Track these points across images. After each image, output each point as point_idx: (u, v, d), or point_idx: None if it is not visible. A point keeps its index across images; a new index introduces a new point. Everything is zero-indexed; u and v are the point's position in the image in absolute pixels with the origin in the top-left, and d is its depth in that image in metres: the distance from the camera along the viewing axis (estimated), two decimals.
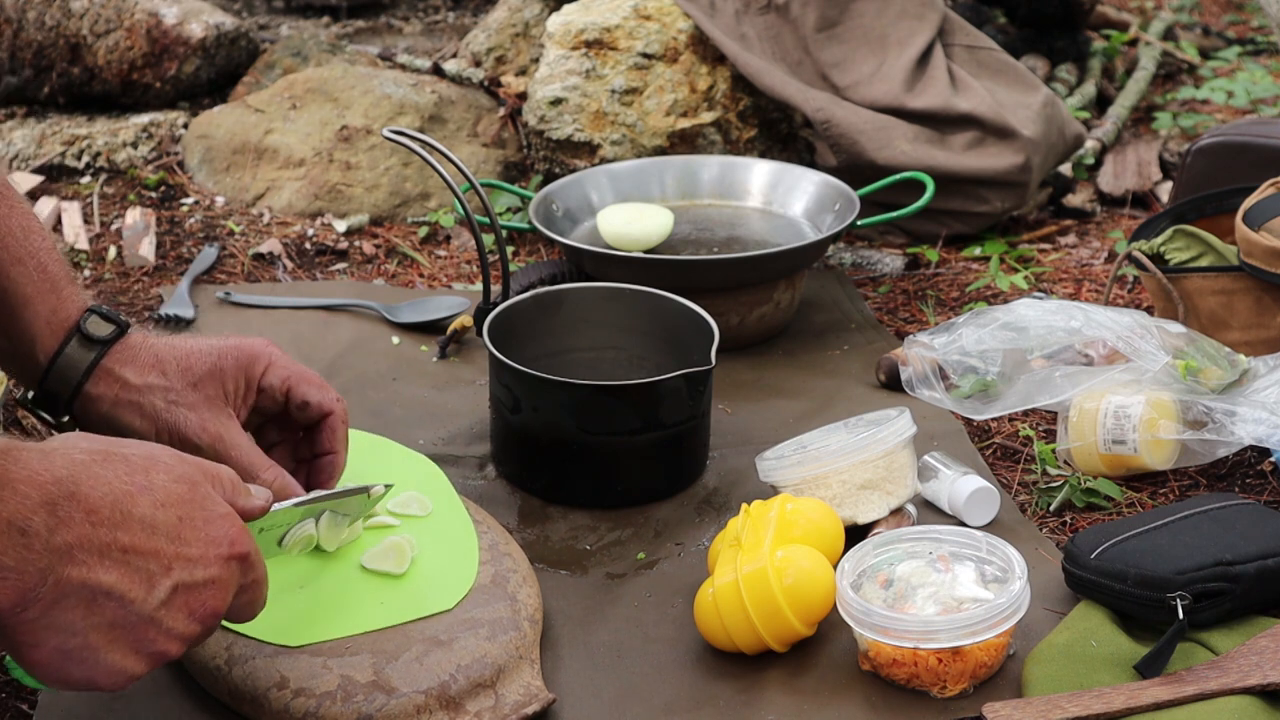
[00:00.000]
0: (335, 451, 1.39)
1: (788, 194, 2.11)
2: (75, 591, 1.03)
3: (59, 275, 1.35)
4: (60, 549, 1.02)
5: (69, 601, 1.03)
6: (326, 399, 1.38)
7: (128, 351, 1.34)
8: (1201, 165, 2.05)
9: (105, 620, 1.05)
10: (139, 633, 1.07)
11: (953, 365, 1.71)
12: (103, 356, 1.33)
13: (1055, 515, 1.58)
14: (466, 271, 2.18)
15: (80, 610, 1.04)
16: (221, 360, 1.35)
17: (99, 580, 1.03)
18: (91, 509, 1.03)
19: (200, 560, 1.08)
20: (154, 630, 1.07)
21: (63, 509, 1.02)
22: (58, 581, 1.02)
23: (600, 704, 1.31)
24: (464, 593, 1.34)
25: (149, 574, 1.06)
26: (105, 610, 1.04)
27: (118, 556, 1.04)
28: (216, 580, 1.09)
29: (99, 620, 1.05)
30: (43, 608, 1.02)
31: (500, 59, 2.62)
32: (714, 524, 1.56)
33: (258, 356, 1.37)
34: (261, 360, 1.37)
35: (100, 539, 1.03)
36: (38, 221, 1.36)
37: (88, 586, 1.03)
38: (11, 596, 1.00)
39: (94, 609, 1.04)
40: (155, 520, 1.06)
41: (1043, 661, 1.30)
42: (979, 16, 2.77)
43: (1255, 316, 1.78)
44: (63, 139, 2.49)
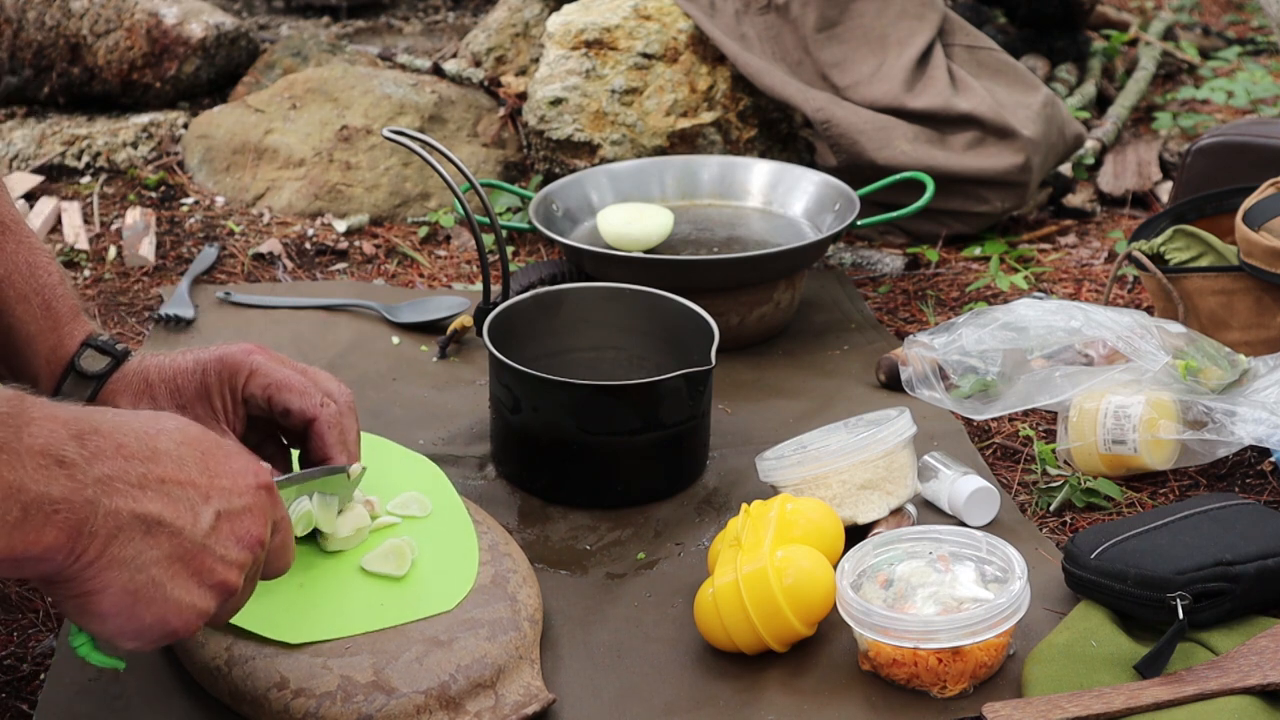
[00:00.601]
0: (329, 458, 1.35)
1: (788, 194, 2.11)
2: (128, 524, 1.01)
3: (62, 312, 1.36)
4: (101, 480, 1.00)
5: (125, 534, 1.01)
6: (309, 405, 1.34)
7: (121, 382, 1.35)
8: (1201, 165, 2.05)
9: (163, 552, 1.03)
10: (197, 561, 1.05)
11: (953, 365, 1.71)
12: (98, 391, 1.34)
13: (1055, 515, 1.58)
14: (466, 271, 2.18)
15: (138, 542, 1.02)
16: (206, 377, 1.34)
17: (147, 510, 1.02)
18: (119, 444, 1.02)
19: (233, 489, 1.08)
20: (210, 558, 1.06)
21: (90, 441, 1.01)
22: (108, 513, 1.00)
23: (600, 704, 1.31)
24: (464, 593, 1.34)
25: (190, 502, 1.05)
26: (161, 540, 1.03)
27: (157, 487, 1.03)
28: (252, 507, 1.09)
29: (158, 553, 1.03)
30: (101, 544, 1.00)
31: (500, 59, 2.62)
32: (714, 524, 1.56)
33: (239, 367, 1.34)
34: (243, 371, 1.34)
35: (136, 471, 1.02)
36: (45, 256, 1.37)
37: (139, 517, 1.02)
38: (67, 530, 0.98)
39: (150, 539, 1.03)
40: (181, 455, 1.06)
41: (1043, 661, 1.30)
42: (979, 16, 2.78)
43: (1255, 316, 1.78)
44: (63, 139, 2.49)
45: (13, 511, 0.96)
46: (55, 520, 0.98)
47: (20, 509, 0.96)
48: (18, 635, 1.40)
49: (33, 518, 0.96)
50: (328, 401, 1.35)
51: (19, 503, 0.96)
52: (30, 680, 1.35)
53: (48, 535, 0.98)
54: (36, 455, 0.97)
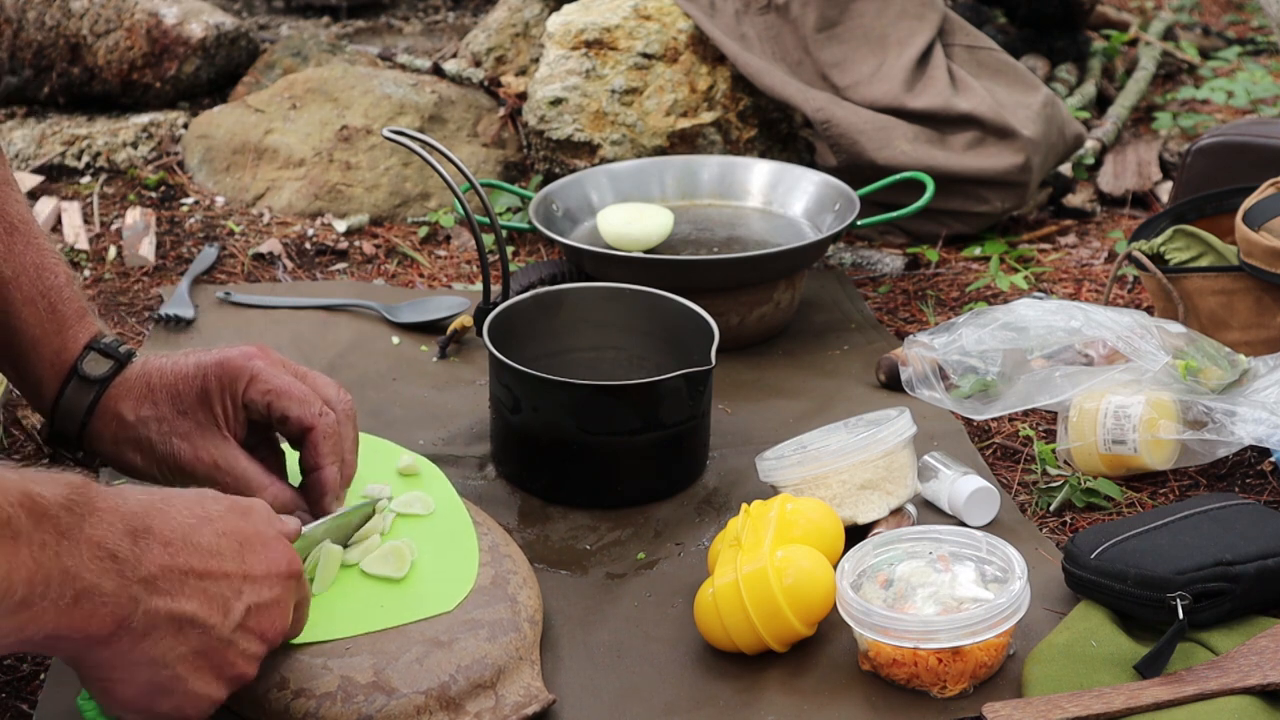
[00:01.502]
0: (321, 467, 1.34)
1: (788, 194, 2.11)
2: (163, 622, 1.06)
3: (68, 314, 1.37)
4: (146, 579, 1.05)
5: (158, 633, 1.06)
6: (308, 414, 1.33)
7: (124, 386, 1.35)
8: (1201, 165, 2.05)
9: (190, 649, 1.08)
10: (220, 657, 1.11)
11: (953, 365, 1.71)
12: (101, 395, 1.35)
13: (1055, 515, 1.58)
14: (466, 271, 2.18)
15: (168, 640, 1.07)
16: (207, 382, 1.34)
17: (182, 609, 1.07)
18: (166, 540, 1.07)
19: (264, 580, 1.13)
20: (232, 653, 1.11)
21: (142, 541, 1.05)
22: (147, 612, 1.05)
23: (600, 704, 1.31)
24: (464, 594, 1.34)
25: (224, 599, 1.10)
26: (190, 638, 1.08)
27: (195, 584, 1.08)
28: (280, 599, 1.14)
29: (185, 649, 1.08)
30: (134, 639, 1.05)
31: (500, 59, 2.62)
32: (714, 524, 1.56)
33: (240, 372, 1.34)
34: (244, 376, 1.34)
35: (179, 567, 1.07)
36: (53, 256, 1.38)
37: (174, 616, 1.07)
38: (109, 623, 1.03)
39: (180, 638, 1.08)
40: (220, 548, 1.10)
41: (1043, 661, 1.30)
42: (979, 16, 2.77)
43: (1255, 316, 1.78)
44: (63, 139, 2.49)
45: (66, 595, 1.00)
46: (101, 612, 1.02)
47: (73, 595, 1.01)
48: None
49: (83, 605, 1.01)
50: (326, 410, 1.35)
51: (73, 589, 1.00)
52: (30, 680, 1.35)
53: (93, 624, 1.03)
54: (94, 548, 1.02)
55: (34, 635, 1.00)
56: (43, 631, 1.00)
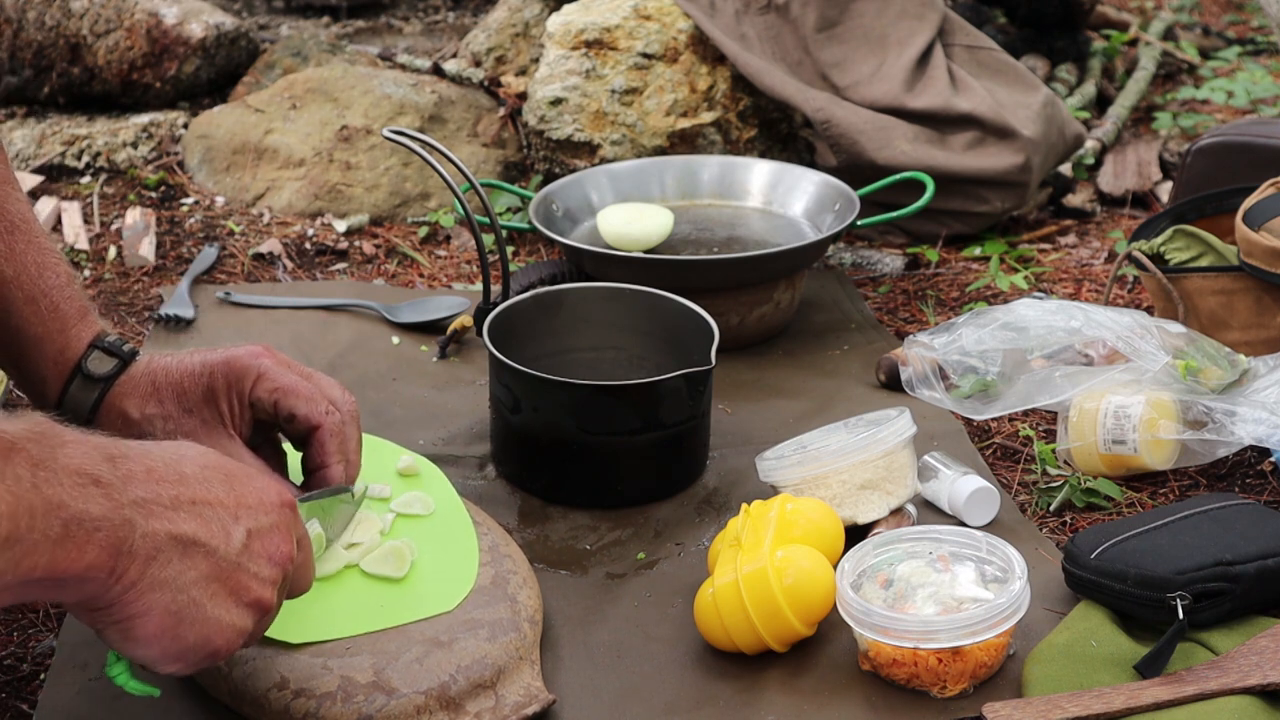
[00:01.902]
0: (327, 465, 1.34)
1: (788, 194, 2.11)
2: (166, 545, 1.03)
3: (70, 313, 1.36)
4: (136, 501, 1.02)
5: (164, 555, 1.03)
6: (315, 411, 1.33)
7: (128, 385, 1.35)
8: (1201, 165, 2.05)
9: (201, 572, 1.05)
10: (234, 580, 1.07)
11: (953, 365, 1.71)
12: (105, 394, 1.34)
13: (1055, 515, 1.58)
14: (466, 271, 2.18)
15: (176, 563, 1.04)
16: (213, 380, 1.34)
17: (183, 530, 1.04)
18: (148, 467, 1.04)
19: (259, 507, 1.10)
20: (245, 575, 1.08)
21: (122, 465, 1.02)
22: (145, 534, 1.02)
23: (600, 704, 1.31)
24: (464, 594, 1.34)
25: (222, 522, 1.07)
26: (198, 561, 1.05)
27: (189, 508, 1.05)
28: (279, 525, 1.11)
29: (196, 573, 1.05)
30: (141, 565, 1.02)
31: (500, 59, 2.62)
32: (714, 524, 1.56)
33: (247, 370, 1.34)
34: (251, 374, 1.34)
35: (168, 493, 1.04)
36: (54, 255, 1.37)
37: (175, 538, 1.03)
38: (108, 549, 0.99)
39: (187, 560, 1.04)
40: (207, 477, 1.08)
41: (1043, 661, 1.30)
42: (979, 16, 2.77)
43: (1255, 316, 1.78)
44: (63, 139, 2.49)
45: (54, 527, 0.97)
46: (96, 539, 0.99)
47: (61, 525, 0.97)
48: (18, 635, 1.40)
49: (74, 535, 0.98)
50: (332, 409, 1.35)
51: (59, 519, 0.97)
52: (30, 680, 1.35)
53: (89, 553, 0.99)
54: (73, 474, 0.98)
55: (30, 574, 0.96)
56: (39, 569, 0.97)
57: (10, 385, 1.67)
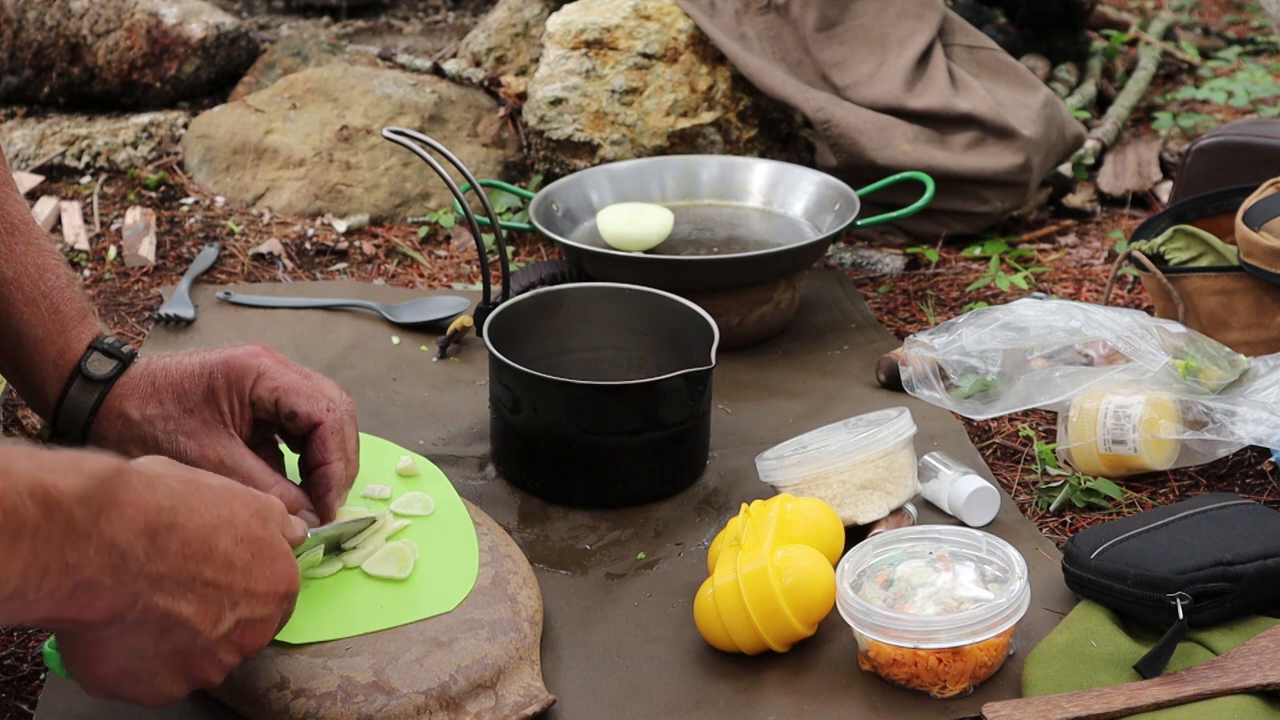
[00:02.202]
0: (328, 462, 1.35)
1: (788, 194, 2.11)
2: (155, 619, 1.06)
3: (70, 315, 1.36)
4: (153, 577, 1.04)
5: (146, 627, 1.06)
6: (315, 409, 1.35)
7: (128, 386, 1.35)
8: (1201, 165, 2.05)
9: (171, 648, 1.09)
10: (194, 661, 1.11)
11: (953, 365, 1.71)
12: (105, 396, 1.35)
13: (1055, 515, 1.58)
14: (466, 271, 2.18)
15: (153, 636, 1.07)
16: (213, 380, 1.34)
17: (179, 610, 1.07)
18: (186, 540, 1.06)
19: (262, 598, 1.13)
20: (207, 660, 1.11)
21: (162, 539, 1.04)
22: (145, 607, 1.05)
23: (600, 704, 1.31)
24: (464, 594, 1.34)
25: (219, 608, 1.10)
26: (175, 638, 1.08)
27: (199, 590, 1.08)
28: (269, 617, 1.14)
29: (166, 648, 1.08)
30: (123, 629, 1.05)
31: (500, 59, 2.62)
32: (714, 524, 1.56)
33: (247, 370, 1.34)
34: (251, 373, 1.34)
35: (188, 571, 1.07)
36: (54, 257, 1.38)
37: (168, 615, 1.06)
38: (104, 614, 1.03)
39: (165, 637, 1.08)
40: (233, 557, 1.10)
41: (1043, 661, 1.30)
42: (979, 16, 2.77)
43: (1255, 316, 1.78)
44: (63, 139, 2.49)
45: (63, 588, 0.99)
46: (98, 605, 1.02)
47: (71, 587, 0.99)
48: (18, 635, 1.40)
49: (79, 597, 1.00)
50: (332, 407, 1.36)
51: (71, 582, 0.99)
52: (30, 680, 1.35)
53: (88, 613, 1.02)
54: (105, 546, 1.00)
55: (25, 620, 1.00)
56: (35, 618, 1.00)
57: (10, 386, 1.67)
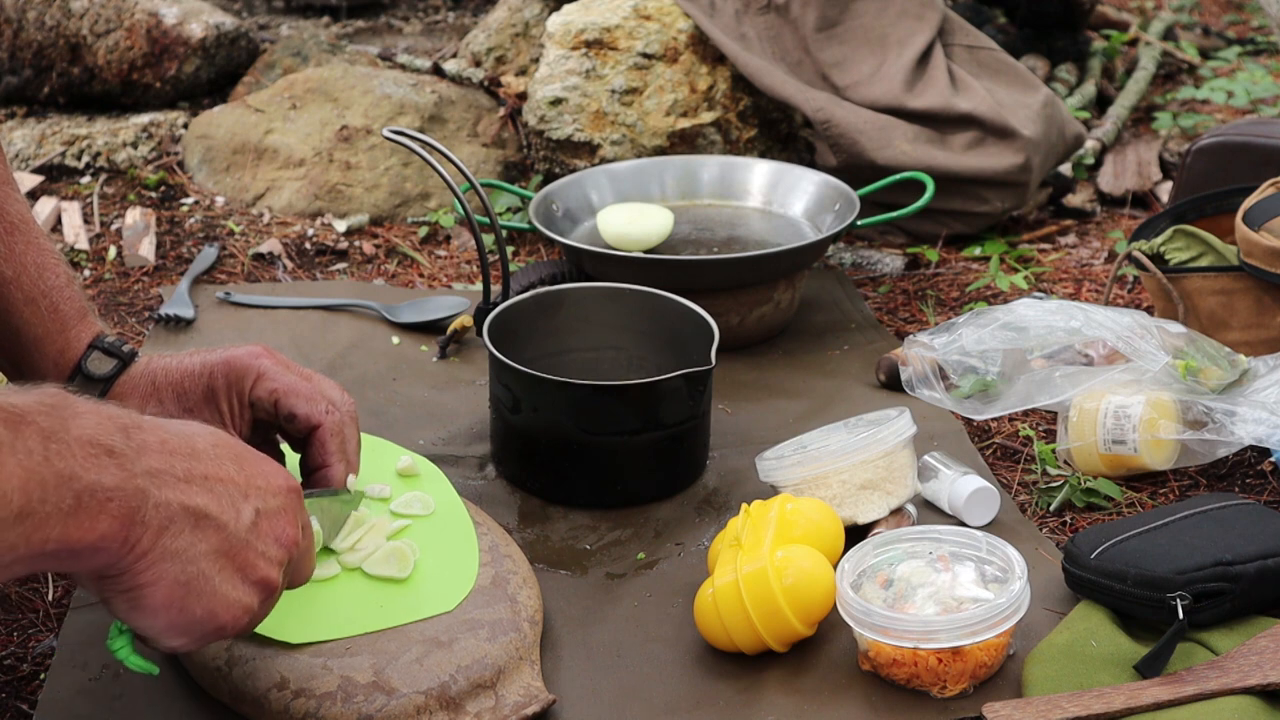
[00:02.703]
0: (328, 465, 1.35)
1: (788, 194, 2.11)
2: (178, 515, 1.03)
3: (69, 314, 1.36)
4: (150, 472, 1.02)
5: (175, 526, 1.03)
6: (315, 411, 1.34)
7: (128, 385, 1.35)
8: (1201, 165, 2.05)
9: (211, 546, 1.05)
10: (242, 556, 1.07)
11: (953, 365, 1.71)
12: (105, 394, 1.34)
13: (1055, 515, 1.58)
14: (466, 271, 2.18)
15: (187, 534, 1.04)
16: (213, 380, 1.34)
17: (195, 503, 1.04)
18: (162, 439, 1.04)
19: (267, 489, 1.10)
20: (253, 553, 1.08)
21: (136, 435, 1.02)
22: (158, 504, 1.02)
23: (600, 704, 1.31)
24: (464, 594, 1.34)
25: (232, 499, 1.07)
26: (209, 534, 1.05)
27: (201, 483, 1.05)
28: (285, 508, 1.11)
29: (206, 546, 1.05)
30: (153, 535, 1.02)
31: (500, 59, 2.62)
32: (714, 524, 1.56)
33: (247, 370, 1.34)
34: (250, 374, 1.34)
35: (180, 466, 1.04)
36: (54, 256, 1.37)
37: (187, 509, 1.04)
38: (120, 519, 0.99)
39: (198, 533, 1.04)
40: (218, 455, 1.08)
41: (1043, 661, 1.30)
42: (979, 16, 2.78)
43: (1255, 316, 1.78)
44: (63, 139, 2.49)
45: (66, 499, 0.97)
46: (109, 509, 0.99)
47: (73, 496, 0.97)
48: (18, 635, 1.40)
49: (86, 506, 0.98)
50: (332, 409, 1.35)
51: (72, 490, 0.97)
52: (30, 680, 1.35)
53: (101, 524, 0.99)
54: (85, 445, 0.98)
55: (43, 547, 0.96)
56: (52, 541, 0.97)
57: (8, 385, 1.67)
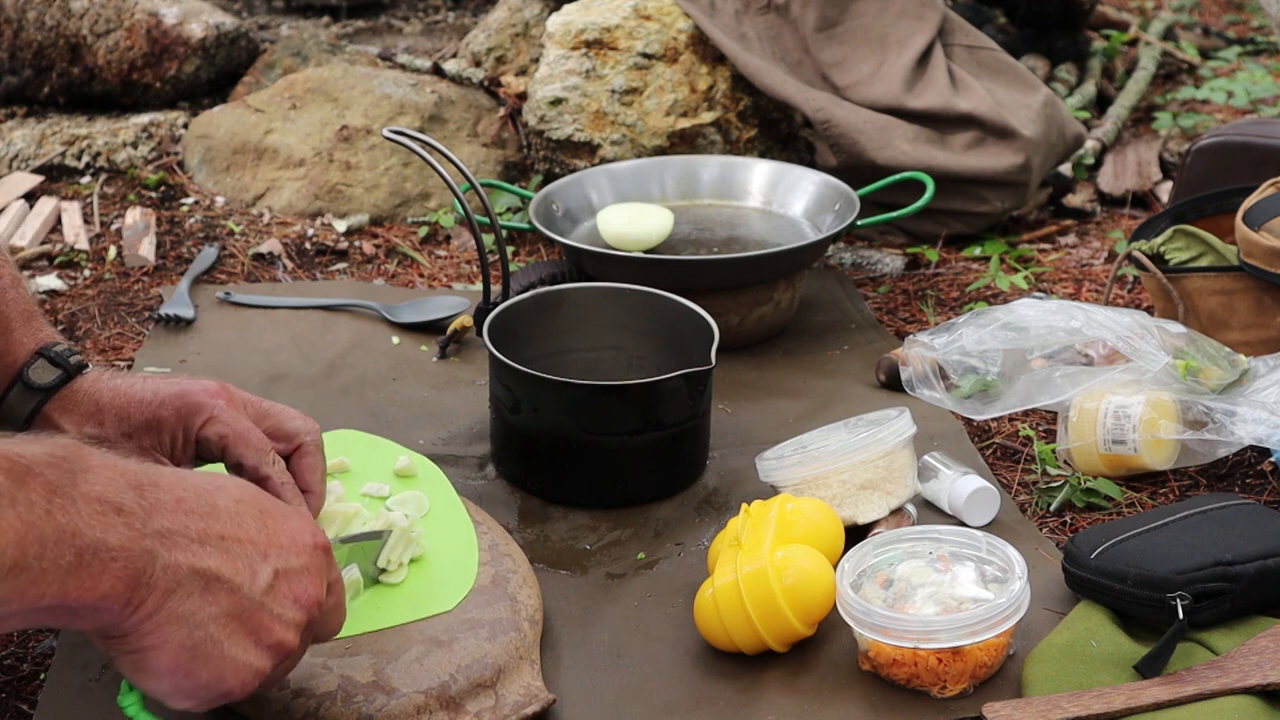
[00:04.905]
0: None
1: (788, 194, 2.11)
2: (187, 579, 1.01)
3: (13, 316, 1.31)
4: (160, 533, 0.99)
5: (183, 590, 1.01)
6: (263, 463, 1.26)
7: (70, 399, 1.29)
8: (1201, 165, 2.05)
9: (221, 609, 1.03)
10: (255, 620, 1.05)
11: (953, 365, 1.71)
12: (43, 404, 1.29)
13: (1055, 515, 1.58)
14: (466, 271, 2.18)
15: (196, 598, 1.01)
16: (161, 410, 1.28)
17: (206, 565, 1.01)
18: (178, 497, 1.02)
19: (290, 548, 1.07)
20: (267, 617, 1.05)
21: (149, 493, 1.00)
22: (166, 566, 0.99)
23: (600, 704, 1.31)
24: (464, 593, 1.34)
25: (249, 559, 1.04)
26: (219, 597, 1.02)
27: (216, 543, 1.03)
28: (309, 568, 1.09)
29: (215, 610, 1.02)
30: (159, 598, 1.00)
31: (500, 59, 2.62)
32: (714, 524, 1.56)
33: (199, 408, 1.27)
34: (203, 412, 1.27)
35: (195, 526, 1.02)
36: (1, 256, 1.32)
37: (197, 572, 1.01)
38: (124, 580, 0.97)
39: (208, 596, 1.02)
40: (239, 512, 1.05)
41: (1043, 661, 1.30)
42: (979, 16, 2.78)
43: (1255, 316, 1.78)
44: (63, 139, 2.49)
45: (66, 556, 0.94)
46: (112, 569, 0.97)
47: (74, 554, 0.95)
48: (18, 635, 1.40)
49: (88, 564, 0.95)
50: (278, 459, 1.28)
51: (73, 548, 0.95)
52: (30, 680, 1.35)
53: (104, 583, 0.97)
54: (93, 502, 0.96)
55: (38, 603, 0.94)
56: (48, 598, 0.94)
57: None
